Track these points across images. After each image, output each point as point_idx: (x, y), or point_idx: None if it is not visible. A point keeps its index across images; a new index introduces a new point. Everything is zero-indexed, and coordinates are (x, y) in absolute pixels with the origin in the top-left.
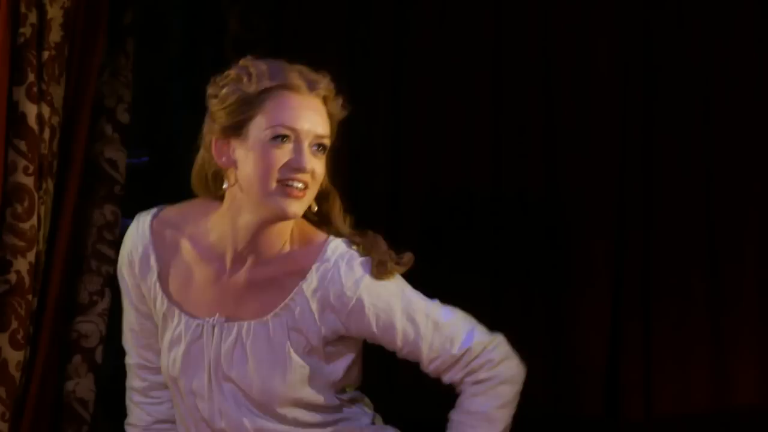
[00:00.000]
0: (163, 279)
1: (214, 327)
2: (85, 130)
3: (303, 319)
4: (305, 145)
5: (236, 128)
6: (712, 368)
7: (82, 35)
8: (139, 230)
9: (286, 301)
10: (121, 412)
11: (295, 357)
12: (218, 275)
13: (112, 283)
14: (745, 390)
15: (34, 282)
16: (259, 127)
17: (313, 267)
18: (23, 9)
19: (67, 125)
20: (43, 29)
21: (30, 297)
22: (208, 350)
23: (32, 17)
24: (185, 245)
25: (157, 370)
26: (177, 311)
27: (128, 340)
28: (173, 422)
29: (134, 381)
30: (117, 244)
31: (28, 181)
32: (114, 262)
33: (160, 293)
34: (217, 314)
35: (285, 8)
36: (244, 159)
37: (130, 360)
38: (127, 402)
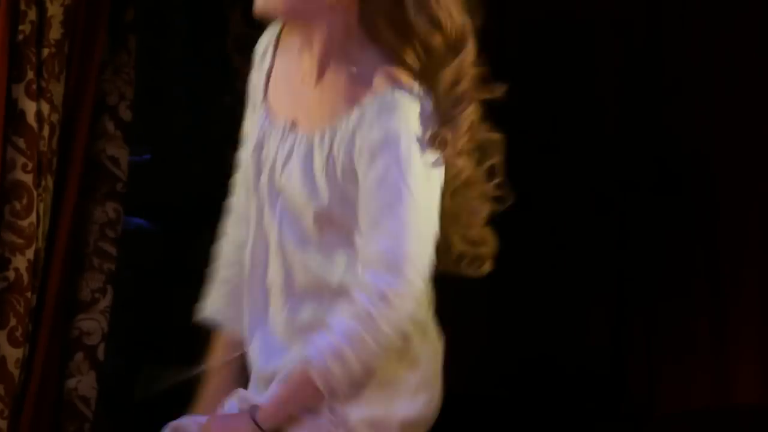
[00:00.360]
0: (269, 74)
1: (279, 131)
2: (86, 128)
3: (340, 144)
4: None
5: None
6: (714, 367)
7: (83, 33)
8: (272, 28)
9: (335, 121)
10: (122, 410)
11: (327, 179)
12: (298, 77)
13: (114, 281)
14: (746, 389)
15: (33, 279)
16: None
17: (368, 98)
18: (23, 6)
19: (67, 123)
20: (43, 26)
21: (29, 294)
22: (269, 156)
23: (32, 14)
24: (294, 47)
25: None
26: (264, 108)
27: (242, 152)
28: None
29: (238, 196)
30: (119, 242)
31: (27, 179)
32: (116, 259)
33: (262, 87)
34: (285, 120)
35: None
36: None
37: (239, 175)
38: (224, 223)
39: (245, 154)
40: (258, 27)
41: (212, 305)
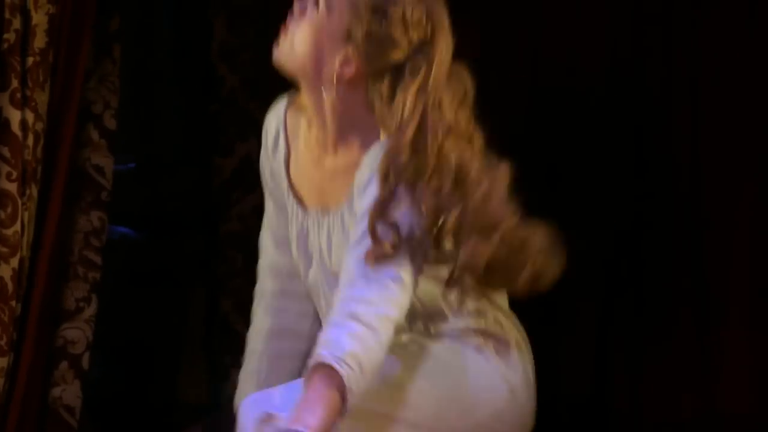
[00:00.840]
0: (287, 160)
1: (315, 219)
2: (70, 136)
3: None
4: None
5: None
6: (700, 376)
7: (68, 41)
8: (275, 112)
9: (351, 186)
10: (107, 419)
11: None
12: (319, 160)
13: (98, 290)
14: (732, 397)
15: (17, 288)
16: None
17: (365, 155)
18: (7, 15)
19: (52, 131)
20: (28, 35)
21: (13, 303)
22: (314, 243)
23: (16, 23)
24: (304, 128)
25: (289, 275)
26: (293, 200)
27: (264, 238)
28: (300, 335)
29: (265, 283)
30: (103, 251)
31: (12, 188)
32: (100, 268)
33: (284, 175)
34: (317, 206)
35: (271, 13)
36: None
37: (264, 261)
38: (254, 307)
39: (268, 241)
40: (243, 35)
41: (243, 396)
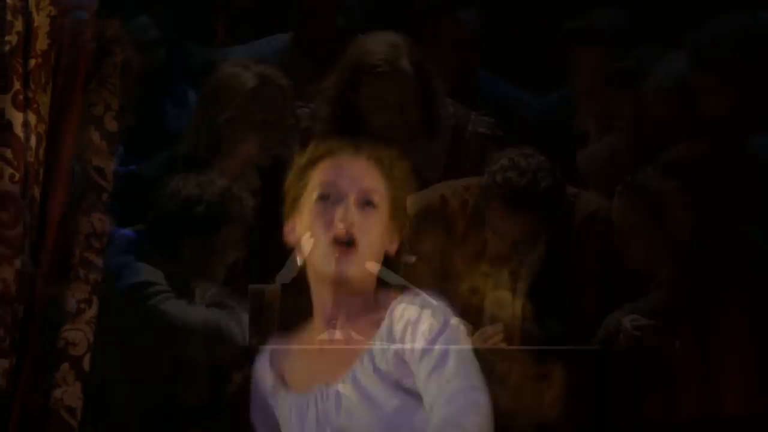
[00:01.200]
0: (282, 378)
1: (317, 395)
2: (72, 138)
3: (381, 353)
4: (350, 199)
5: (294, 203)
6: (700, 378)
7: (69, 43)
8: (260, 364)
9: (366, 348)
10: (108, 420)
11: (384, 387)
12: (313, 351)
13: (99, 291)
14: (733, 399)
15: (20, 290)
16: (309, 194)
17: (393, 304)
18: (9, 17)
19: (53, 133)
20: (30, 37)
21: (16, 305)
22: (312, 415)
23: (18, 25)
24: (291, 340)
25: None
26: (293, 397)
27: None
28: None
29: None
30: (104, 253)
31: (14, 189)
32: (102, 270)
33: (282, 392)
34: (318, 386)
35: (272, 16)
36: (301, 230)
37: None
38: None
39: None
40: (243, 38)
41: None
